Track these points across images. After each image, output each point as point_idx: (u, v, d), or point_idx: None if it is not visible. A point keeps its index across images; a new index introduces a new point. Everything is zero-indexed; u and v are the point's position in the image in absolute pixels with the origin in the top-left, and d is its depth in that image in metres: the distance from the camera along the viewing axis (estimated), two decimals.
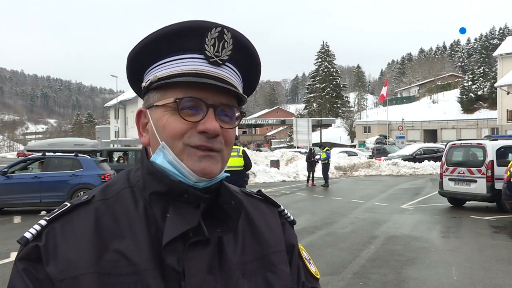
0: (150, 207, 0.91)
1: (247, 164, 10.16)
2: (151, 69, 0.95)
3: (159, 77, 0.92)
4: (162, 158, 0.90)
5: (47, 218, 0.90)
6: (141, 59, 0.96)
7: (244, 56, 0.96)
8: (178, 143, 0.89)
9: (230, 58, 0.93)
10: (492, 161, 11.85)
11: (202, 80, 0.89)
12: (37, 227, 0.89)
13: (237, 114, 0.95)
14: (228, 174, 0.96)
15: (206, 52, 0.91)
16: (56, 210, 0.92)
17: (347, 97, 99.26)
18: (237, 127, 0.98)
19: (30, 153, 17.73)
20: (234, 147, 10.21)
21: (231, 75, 0.94)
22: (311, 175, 19.83)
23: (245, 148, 17.40)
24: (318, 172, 25.09)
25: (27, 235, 0.88)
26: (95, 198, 0.93)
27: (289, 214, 1.11)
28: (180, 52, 0.92)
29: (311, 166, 19.87)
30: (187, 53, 0.92)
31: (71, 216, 0.90)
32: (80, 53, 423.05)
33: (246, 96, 0.98)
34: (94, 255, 0.85)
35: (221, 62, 0.92)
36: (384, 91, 53.97)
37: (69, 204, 0.92)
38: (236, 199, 0.94)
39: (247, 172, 10.62)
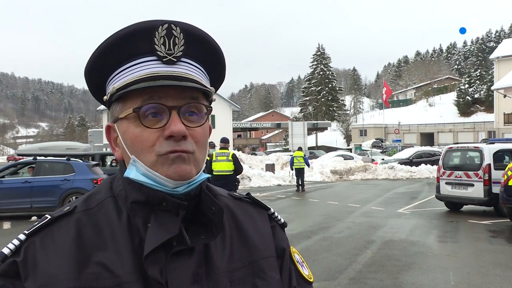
0: (133, 217, 0.89)
1: (237, 168, 10.08)
2: (110, 80, 0.93)
3: (117, 87, 0.90)
4: (135, 172, 0.88)
5: (26, 232, 0.88)
6: (97, 71, 0.93)
7: (201, 47, 0.93)
8: (150, 155, 0.87)
9: (185, 53, 0.91)
10: (489, 164, 11.89)
11: (157, 83, 0.86)
12: (16, 241, 0.87)
13: (205, 110, 0.92)
14: (209, 175, 0.95)
15: (158, 52, 0.88)
16: (36, 223, 0.90)
17: (343, 100, 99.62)
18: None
19: (20, 157, 17.66)
20: (224, 151, 10.17)
21: (190, 70, 0.91)
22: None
23: (235, 152, 17.31)
24: (312, 177, 25.17)
25: (5, 250, 0.86)
26: (77, 209, 0.91)
27: (279, 217, 1.09)
28: (132, 57, 0.90)
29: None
30: (139, 57, 0.89)
31: (52, 229, 0.88)
32: (72, 55, 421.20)
33: (212, 89, 0.96)
34: (75, 268, 0.83)
35: (175, 60, 0.89)
36: (385, 93, 54.12)
37: (49, 216, 0.90)
38: (217, 204, 0.91)
39: (237, 177, 10.54)
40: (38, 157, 13.21)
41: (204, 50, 0.94)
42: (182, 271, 0.86)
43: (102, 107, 64.87)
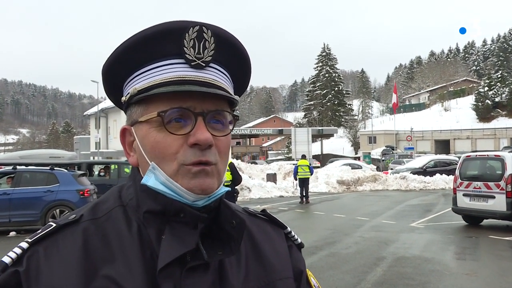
0: (144, 228, 0.90)
1: (236, 178, 10.14)
2: (130, 81, 0.95)
3: (139, 89, 0.92)
4: (154, 179, 0.89)
5: (29, 240, 0.89)
6: (117, 70, 0.95)
7: (230, 53, 0.96)
8: (172, 163, 0.88)
9: (214, 58, 0.92)
10: None
11: (185, 88, 0.88)
12: (18, 250, 0.87)
13: (230, 119, 0.94)
14: (229, 189, 0.96)
15: (187, 55, 0.90)
16: (39, 230, 0.91)
17: (350, 104, 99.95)
18: (231, 134, 0.97)
19: None
20: None
21: (217, 76, 0.93)
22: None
23: (233, 160, 17.32)
24: (317, 187, 25.16)
25: (6, 259, 0.86)
26: (84, 217, 0.92)
27: (296, 237, 1.11)
28: (158, 58, 0.91)
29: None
30: (166, 59, 0.91)
31: (57, 238, 0.89)
32: (56, 56, 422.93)
33: (237, 98, 0.97)
34: (81, 281, 0.84)
35: (204, 64, 0.91)
36: (394, 98, 54.50)
37: (54, 224, 0.91)
38: (238, 218, 0.93)
39: (236, 188, 10.58)
40: (18, 167, 13.17)
41: (233, 56, 0.96)
42: None
43: (89, 112, 65.03)
